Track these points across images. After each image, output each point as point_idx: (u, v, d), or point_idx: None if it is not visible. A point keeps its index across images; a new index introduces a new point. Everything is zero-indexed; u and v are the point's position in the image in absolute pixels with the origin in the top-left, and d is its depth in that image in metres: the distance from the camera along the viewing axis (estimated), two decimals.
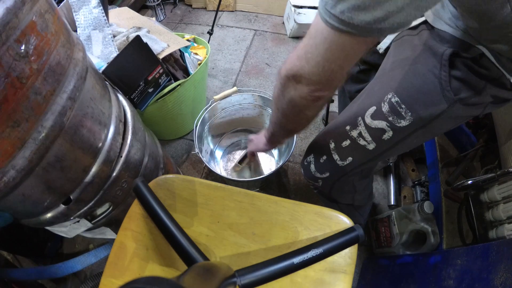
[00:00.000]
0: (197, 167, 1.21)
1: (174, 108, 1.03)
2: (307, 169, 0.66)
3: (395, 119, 0.50)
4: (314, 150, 0.65)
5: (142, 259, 0.44)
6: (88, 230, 0.66)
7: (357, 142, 0.55)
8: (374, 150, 0.55)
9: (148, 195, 0.45)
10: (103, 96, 0.58)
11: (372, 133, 0.53)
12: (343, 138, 0.57)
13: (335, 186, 0.65)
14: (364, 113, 0.53)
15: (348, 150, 0.57)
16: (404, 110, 0.49)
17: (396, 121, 0.50)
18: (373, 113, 0.52)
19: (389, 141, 0.53)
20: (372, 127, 0.53)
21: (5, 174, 0.40)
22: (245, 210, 0.47)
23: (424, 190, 1.00)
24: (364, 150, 0.55)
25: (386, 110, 0.51)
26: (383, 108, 0.51)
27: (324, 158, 0.61)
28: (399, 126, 0.50)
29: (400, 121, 0.50)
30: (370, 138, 0.53)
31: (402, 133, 0.51)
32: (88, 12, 0.85)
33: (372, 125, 0.52)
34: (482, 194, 0.71)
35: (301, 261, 0.38)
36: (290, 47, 1.65)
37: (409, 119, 0.49)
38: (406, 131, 0.51)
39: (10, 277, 0.77)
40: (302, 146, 1.25)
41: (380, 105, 0.51)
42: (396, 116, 0.50)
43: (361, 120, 0.54)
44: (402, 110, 0.49)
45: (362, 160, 0.58)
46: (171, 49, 0.92)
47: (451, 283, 0.54)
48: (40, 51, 0.40)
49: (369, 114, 0.53)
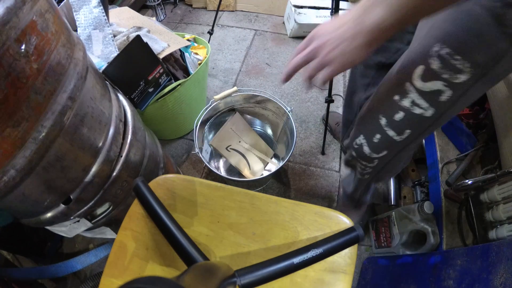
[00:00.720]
0: (197, 167, 1.21)
1: (174, 108, 1.03)
2: (360, 151, 0.59)
3: (451, 75, 0.41)
4: (363, 130, 0.57)
5: (142, 258, 0.44)
6: (88, 229, 0.66)
7: (411, 112, 0.47)
8: (433, 115, 0.47)
9: (148, 195, 0.45)
10: (103, 96, 0.58)
11: (427, 98, 0.45)
12: (394, 111, 0.49)
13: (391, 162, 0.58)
14: (411, 76, 0.45)
15: (404, 123, 0.49)
16: (460, 61, 0.40)
17: (453, 77, 0.42)
18: (422, 73, 0.44)
19: (449, 100, 0.44)
20: (425, 91, 0.44)
21: (5, 173, 0.41)
22: (245, 210, 0.47)
23: (424, 190, 1.00)
24: (422, 118, 0.47)
25: (437, 67, 0.42)
26: (433, 65, 0.42)
27: (378, 137, 0.54)
28: (458, 82, 0.42)
29: (458, 76, 0.41)
30: (427, 104, 0.45)
31: (463, 88, 0.43)
32: (88, 12, 0.85)
33: (425, 89, 0.44)
34: (482, 194, 0.71)
35: (301, 261, 0.38)
36: (290, 47, 1.65)
37: (468, 70, 0.40)
38: (467, 84, 0.42)
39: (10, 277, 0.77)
40: (302, 146, 1.25)
41: (428, 62, 0.42)
42: (452, 71, 0.41)
43: (410, 85, 0.46)
44: (457, 62, 0.40)
45: (422, 129, 0.50)
46: (172, 49, 0.92)
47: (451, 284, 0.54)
48: (41, 50, 0.40)
49: (418, 76, 0.44)
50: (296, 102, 1.40)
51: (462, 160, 0.86)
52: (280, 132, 1.11)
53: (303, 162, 1.20)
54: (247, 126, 1.13)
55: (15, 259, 0.85)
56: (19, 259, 0.86)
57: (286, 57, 1.60)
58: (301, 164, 1.20)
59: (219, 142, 1.08)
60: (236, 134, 1.11)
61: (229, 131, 1.09)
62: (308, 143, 1.26)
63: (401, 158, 0.58)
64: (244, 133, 1.12)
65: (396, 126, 0.50)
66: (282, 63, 1.57)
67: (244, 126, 1.12)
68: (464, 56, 0.39)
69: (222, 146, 1.09)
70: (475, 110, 0.95)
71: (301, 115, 1.35)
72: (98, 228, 0.69)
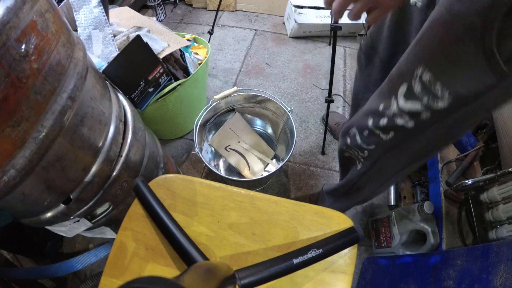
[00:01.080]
0: (197, 167, 1.21)
1: (174, 108, 1.03)
2: (354, 139, 0.61)
3: (430, 100, 0.42)
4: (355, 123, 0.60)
5: (142, 258, 0.44)
6: (88, 229, 0.66)
7: (394, 121, 0.49)
8: (415, 129, 0.48)
9: (148, 194, 0.45)
10: (103, 96, 0.58)
11: (408, 113, 0.47)
12: (379, 116, 0.52)
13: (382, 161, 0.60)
14: (397, 91, 0.46)
15: (388, 127, 0.51)
16: (440, 89, 0.40)
17: (432, 102, 0.42)
18: (405, 92, 0.45)
19: (429, 121, 0.45)
20: (406, 109, 0.46)
21: (5, 173, 0.41)
22: (245, 210, 0.47)
23: (424, 190, 1.00)
24: (404, 128, 0.49)
25: (418, 91, 0.42)
26: (415, 87, 0.43)
27: (366, 132, 0.57)
28: (437, 108, 0.42)
29: (437, 102, 0.41)
30: (407, 117, 0.47)
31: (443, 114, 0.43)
32: (88, 12, 0.85)
33: (406, 108, 0.46)
34: (482, 194, 0.71)
35: (301, 261, 0.38)
36: (290, 47, 1.65)
37: (447, 99, 0.40)
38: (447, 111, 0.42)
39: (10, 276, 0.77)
40: (302, 146, 1.25)
41: (411, 83, 0.43)
42: (432, 96, 0.41)
43: (394, 100, 0.47)
44: (437, 90, 0.40)
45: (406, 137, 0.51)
46: (172, 49, 0.92)
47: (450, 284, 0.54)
48: (41, 50, 0.40)
49: (402, 93, 0.46)
50: (296, 102, 1.40)
51: (462, 160, 0.86)
52: (280, 132, 1.11)
53: (303, 162, 1.20)
54: (247, 126, 1.13)
55: (15, 259, 0.85)
56: (19, 259, 0.86)
57: (286, 57, 1.60)
58: (301, 164, 1.20)
59: (218, 142, 1.08)
60: (236, 134, 1.10)
61: (229, 131, 1.09)
62: (308, 143, 1.26)
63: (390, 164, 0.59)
64: (244, 133, 1.12)
65: (382, 128, 0.52)
66: (282, 63, 1.57)
67: (244, 126, 1.12)
68: (444, 84, 0.39)
69: (222, 146, 1.09)
70: None
71: (301, 115, 1.35)
72: (98, 228, 0.69)
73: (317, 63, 1.57)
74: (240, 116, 1.11)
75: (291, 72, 1.52)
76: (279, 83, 1.47)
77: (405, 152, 0.55)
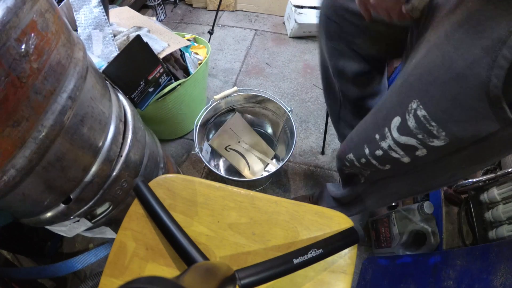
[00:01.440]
0: (197, 167, 1.21)
1: (174, 108, 1.03)
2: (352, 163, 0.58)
3: (425, 138, 0.38)
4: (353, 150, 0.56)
5: (142, 258, 0.44)
6: (88, 229, 0.66)
7: (389, 153, 0.46)
8: (411, 163, 0.44)
9: (148, 194, 0.45)
10: (104, 96, 0.58)
11: (403, 148, 0.43)
12: (375, 147, 0.48)
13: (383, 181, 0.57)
14: (390, 123, 0.43)
15: (385, 159, 0.48)
16: (436, 129, 0.36)
17: (427, 140, 0.38)
18: (398, 125, 0.41)
19: (425, 157, 0.41)
20: (401, 142, 0.42)
21: (5, 173, 0.41)
22: (245, 210, 0.47)
23: None
24: (399, 162, 0.46)
25: (412, 126, 0.38)
26: (409, 122, 0.39)
27: (363, 160, 0.53)
28: (433, 145, 0.38)
29: (432, 140, 0.38)
30: (402, 152, 0.43)
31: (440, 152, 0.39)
32: (88, 12, 0.85)
33: (401, 141, 0.42)
34: (482, 194, 0.71)
35: (301, 261, 0.38)
36: (290, 47, 1.65)
37: (443, 139, 0.36)
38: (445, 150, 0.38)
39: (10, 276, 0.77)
40: (302, 146, 1.25)
41: (404, 117, 0.39)
42: (427, 134, 0.37)
43: (388, 132, 0.44)
44: (433, 128, 0.36)
45: (402, 171, 0.48)
46: (172, 49, 0.92)
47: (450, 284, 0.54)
48: (41, 50, 0.40)
49: (395, 126, 0.42)
50: (296, 102, 1.40)
51: None
52: (280, 132, 1.11)
53: (303, 162, 1.20)
54: (247, 126, 1.13)
55: (15, 259, 0.85)
56: (19, 259, 0.86)
57: (286, 57, 1.60)
58: (301, 164, 1.20)
59: (218, 142, 1.08)
60: (236, 134, 1.10)
61: (229, 131, 1.09)
62: (308, 143, 1.26)
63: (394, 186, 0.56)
64: (243, 133, 1.12)
65: (377, 158, 0.49)
66: (282, 63, 1.57)
67: (244, 126, 1.12)
68: (440, 125, 0.35)
69: (221, 146, 1.09)
70: None
71: (301, 115, 1.35)
72: (98, 227, 0.69)
73: (317, 63, 1.57)
74: (240, 116, 1.11)
75: (291, 72, 1.52)
76: (279, 83, 1.47)
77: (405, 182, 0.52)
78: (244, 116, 1.13)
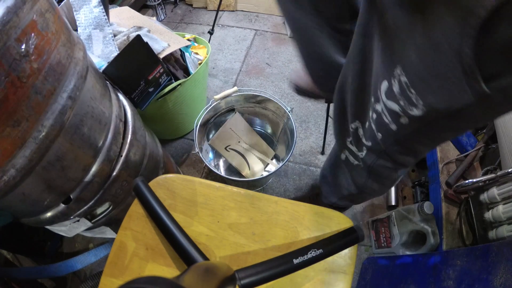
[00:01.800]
0: (197, 167, 1.21)
1: (174, 108, 1.03)
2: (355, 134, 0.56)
3: (406, 105, 0.38)
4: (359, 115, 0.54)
5: (142, 258, 0.44)
6: (88, 229, 0.66)
7: (382, 118, 0.45)
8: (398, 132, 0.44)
9: (148, 194, 0.45)
10: (104, 96, 0.58)
11: (390, 113, 0.42)
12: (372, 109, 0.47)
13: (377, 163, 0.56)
14: (380, 86, 0.42)
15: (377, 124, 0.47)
16: (415, 97, 0.36)
17: (407, 107, 0.38)
18: (386, 90, 0.41)
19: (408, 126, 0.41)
20: (387, 107, 0.42)
21: (5, 173, 0.41)
22: (245, 210, 0.47)
23: (424, 190, 1.00)
24: (388, 128, 0.45)
25: (397, 91, 0.38)
26: (394, 86, 0.38)
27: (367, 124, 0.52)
28: (412, 114, 0.38)
29: (412, 109, 0.37)
30: (390, 118, 0.43)
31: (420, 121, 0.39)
32: (88, 11, 0.85)
33: (388, 105, 0.42)
34: (482, 194, 0.71)
35: (301, 261, 0.38)
36: (290, 47, 1.65)
37: (421, 109, 0.36)
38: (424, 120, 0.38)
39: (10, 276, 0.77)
40: (302, 146, 1.25)
41: (391, 81, 0.39)
42: (407, 102, 0.37)
43: (379, 94, 0.43)
44: (412, 96, 0.36)
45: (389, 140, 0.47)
46: (172, 49, 0.92)
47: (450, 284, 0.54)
48: (41, 50, 0.40)
49: (383, 90, 0.41)
50: (296, 102, 1.40)
51: (462, 161, 0.86)
52: (280, 132, 1.11)
53: (303, 162, 1.20)
54: (247, 126, 1.13)
55: (15, 259, 0.85)
56: (19, 259, 0.86)
57: (286, 57, 1.60)
58: (301, 164, 1.20)
59: (218, 142, 1.08)
60: (236, 134, 1.10)
61: (229, 131, 1.09)
62: (308, 143, 1.26)
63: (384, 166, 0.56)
64: (244, 133, 1.12)
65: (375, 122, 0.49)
66: (282, 63, 1.57)
67: (244, 126, 1.12)
68: (418, 93, 0.35)
69: (221, 146, 1.09)
70: None
71: (301, 115, 1.35)
72: (98, 227, 0.69)
73: None
74: (240, 116, 1.11)
75: (291, 72, 1.52)
76: (279, 83, 1.47)
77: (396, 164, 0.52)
78: (244, 116, 1.13)
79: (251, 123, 1.16)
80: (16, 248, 0.87)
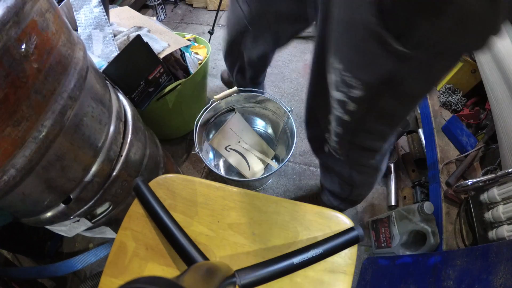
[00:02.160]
0: (197, 167, 1.21)
1: (174, 108, 1.03)
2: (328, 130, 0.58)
3: (347, 90, 0.40)
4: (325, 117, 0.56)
5: (142, 258, 0.44)
6: (88, 229, 0.66)
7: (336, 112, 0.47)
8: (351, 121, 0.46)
9: (148, 194, 0.45)
10: (104, 96, 0.58)
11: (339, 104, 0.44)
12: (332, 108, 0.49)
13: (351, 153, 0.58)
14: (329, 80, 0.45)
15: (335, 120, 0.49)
16: (349, 78, 0.38)
17: (349, 92, 0.40)
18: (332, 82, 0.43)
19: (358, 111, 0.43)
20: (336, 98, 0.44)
21: (5, 173, 0.41)
22: (245, 210, 0.47)
23: (424, 190, 1.00)
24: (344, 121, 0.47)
25: (335, 81, 0.41)
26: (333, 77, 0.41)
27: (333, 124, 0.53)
28: (355, 96, 0.40)
29: (351, 91, 0.40)
30: (341, 109, 0.45)
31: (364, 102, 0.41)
32: (89, 11, 0.85)
33: (336, 97, 0.44)
34: (482, 195, 0.71)
35: (301, 261, 0.38)
36: (290, 47, 1.65)
37: (359, 88, 0.39)
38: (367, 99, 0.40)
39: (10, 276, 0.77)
40: (302, 146, 1.25)
41: (331, 73, 0.42)
42: (346, 86, 0.40)
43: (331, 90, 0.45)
44: (348, 79, 0.39)
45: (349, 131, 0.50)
46: (172, 49, 0.92)
47: (450, 284, 0.54)
48: (41, 50, 0.40)
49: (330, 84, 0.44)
50: (296, 102, 1.40)
51: (462, 161, 0.86)
52: (280, 132, 1.11)
53: (303, 162, 1.20)
54: (247, 126, 1.13)
55: (15, 259, 0.85)
56: (19, 259, 0.86)
57: (286, 57, 1.60)
58: (301, 164, 1.20)
59: (218, 142, 1.08)
60: (236, 134, 1.10)
61: (229, 131, 1.09)
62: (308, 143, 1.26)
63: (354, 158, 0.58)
64: (244, 133, 1.12)
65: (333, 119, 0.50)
66: (282, 63, 1.56)
67: (244, 126, 1.12)
68: (352, 74, 0.38)
69: (221, 146, 1.09)
70: (475, 111, 0.95)
71: (301, 115, 1.35)
72: (98, 227, 0.69)
73: None
74: (240, 116, 1.11)
75: (291, 72, 1.52)
76: (279, 83, 1.47)
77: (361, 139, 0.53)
78: (244, 116, 1.13)
79: (251, 123, 1.16)
80: (16, 248, 0.87)
